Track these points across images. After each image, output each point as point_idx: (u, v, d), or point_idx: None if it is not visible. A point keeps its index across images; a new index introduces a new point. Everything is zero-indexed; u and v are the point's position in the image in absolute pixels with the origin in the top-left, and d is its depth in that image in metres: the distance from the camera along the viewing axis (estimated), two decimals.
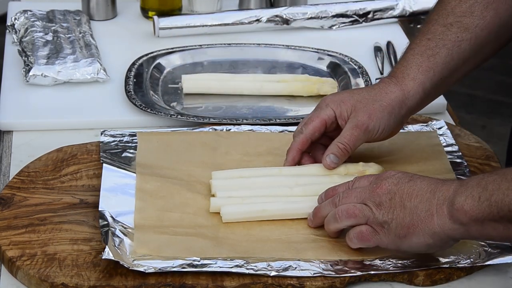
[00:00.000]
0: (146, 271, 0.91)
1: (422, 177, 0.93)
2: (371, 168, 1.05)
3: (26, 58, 1.31)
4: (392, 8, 1.49)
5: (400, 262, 0.94)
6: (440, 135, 1.16)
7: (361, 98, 1.04)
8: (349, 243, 0.95)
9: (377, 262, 0.94)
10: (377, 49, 1.40)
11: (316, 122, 1.05)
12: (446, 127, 1.17)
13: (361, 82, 1.29)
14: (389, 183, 0.92)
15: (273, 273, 0.92)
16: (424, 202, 0.89)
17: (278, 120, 1.20)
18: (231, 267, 0.92)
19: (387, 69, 1.35)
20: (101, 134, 1.13)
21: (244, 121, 1.19)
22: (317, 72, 1.34)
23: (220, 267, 0.92)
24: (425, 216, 0.89)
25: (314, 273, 0.92)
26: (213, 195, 1.02)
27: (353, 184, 0.96)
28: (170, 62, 1.35)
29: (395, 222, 0.90)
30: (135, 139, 1.13)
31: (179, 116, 1.19)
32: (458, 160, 1.10)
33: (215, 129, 1.16)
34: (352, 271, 0.93)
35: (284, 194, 1.01)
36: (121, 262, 0.91)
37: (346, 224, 0.94)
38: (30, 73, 1.27)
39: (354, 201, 0.93)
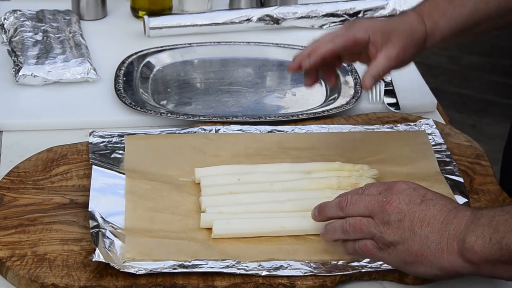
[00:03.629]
0: (137, 273, 0.90)
1: (433, 197, 0.89)
2: (364, 182, 1.03)
3: (15, 58, 1.31)
4: (382, 8, 1.50)
5: None
6: (429, 134, 1.16)
7: (395, 29, 1.05)
8: (347, 251, 0.93)
9: (368, 260, 0.94)
10: None
11: (349, 39, 1.04)
12: (435, 126, 1.17)
13: (350, 80, 1.29)
14: (399, 200, 0.89)
15: (264, 273, 0.92)
16: (435, 233, 0.87)
17: (268, 118, 1.20)
18: (222, 268, 0.92)
19: None
20: (90, 135, 1.13)
21: (234, 119, 1.19)
22: None
23: (211, 267, 0.92)
24: (435, 249, 0.87)
25: (305, 273, 0.92)
26: (203, 211, 1.00)
27: (363, 191, 0.94)
28: (159, 61, 1.35)
29: (402, 246, 0.88)
30: (124, 139, 1.12)
31: (169, 115, 1.19)
32: (447, 160, 1.11)
33: (204, 129, 1.15)
34: (343, 270, 0.93)
35: (276, 210, 1.00)
36: (112, 264, 0.90)
37: (352, 237, 0.92)
38: (20, 73, 1.27)
39: (362, 211, 0.91)
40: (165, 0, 1.50)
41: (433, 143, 1.14)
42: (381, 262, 0.93)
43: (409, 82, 1.33)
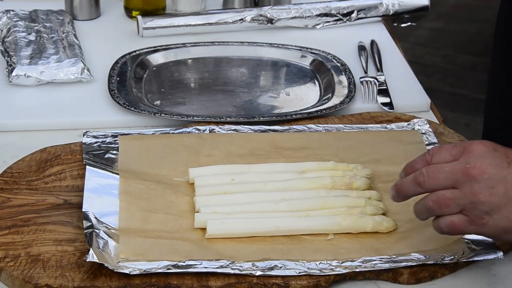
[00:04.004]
0: (131, 273, 0.90)
1: None
2: (358, 181, 1.03)
3: (8, 58, 1.31)
4: (376, 7, 1.50)
5: (384, 258, 0.94)
6: (423, 133, 1.16)
7: None
8: (436, 230, 0.88)
9: (362, 260, 0.94)
10: (361, 48, 1.41)
11: None
12: (428, 125, 1.17)
13: (344, 79, 1.30)
14: (485, 164, 0.83)
15: (258, 273, 0.92)
16: None
17: (262, 118, 1.20)
18: (216, 268, 0.92)
19: (371, 68, 1.35)
20: (83, 135, 1.13)
21: (228, 119, 1.19)
22: (300, 70, 1.35)
23: (205, 267, 0.92)
24: None
25: (299, 272, 0.92)
26: (197, 211, 1.00)
27: (432, 157, 0.87)
28: (153, 61, 1.35)
29: (499, 214, 0.83)
30: (118, 139, 1.12)
31: (163, 115, 1.19)
32: None
33: (198, 129, 1.15)
34: (337, 269, 0.93)
35: (270, 210, 0.99)
36: (106, 264, 0.90)
37: (438, 213, 0.86)
38: (13, 73, 1.27)
39: (443, 183, 0.84)
40: (159, 0, 1.50)
41: (426, 142, 1.14)
42: (374, 262, 0.93)
43: (403, 81, 1.33)
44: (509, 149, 0.86)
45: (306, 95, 1.29)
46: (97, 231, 0.95)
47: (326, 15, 1.48)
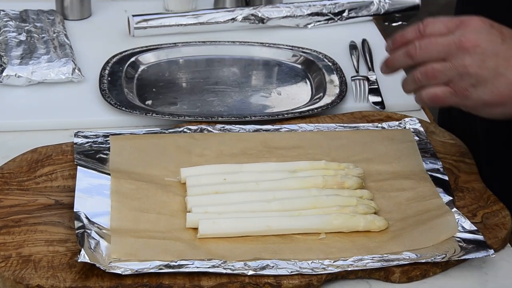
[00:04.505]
0: (123, 273, 0.90)
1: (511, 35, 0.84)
2: (350, 180, 1.04)
3: None
4: (367, 6, 1.50)
5: (376, 257, 0.94)
6: (414, 132, 1.16)
7: None
8: (418, 102, 0.89)
9: (354, 259, 0.94)
10: (353, 47, 1.41)
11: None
12: (420, 124, 1.18)
13: (335, 78, 1.30)
14: (480, 39, 0.83)
15: (250, 272, 0.92)
16: None
17: (253, 118, 1.20)
18: (208, 267, 0.92)
19: (362, 67, 1.36)
20: (75, 135, 1.13)
21: (220, 118, 1.19)
22: (292, 69, 1.35)
23: (197, 267, 0.92)
24: None
25: (291, 272, 0.92)
26: (189, 211, 1.00)
27: (425, 27, 0.87)
28: (144, 60, 1.35)
29: (484, 88, 0.84)
30: (109, 139, 1.12)
31: (154, 115, 1.19)
32: (432, 158, 1.11)
33: (190, 129, 1.15)
34: (329, 268, 0.93)
35: (262, 209, 1.00)
36: (97, 265, 0.90)
37: (425, 85, 0.87)
38: (4, 74, 1.26)
39: (434, 55, 0.84)
40: None
41: (418, 141, 1.14)
42: (366, 261, 0.93)
43: (394, 80, 1.33)
44: (504, 26, 0.86)
45: (297, 95, 1.29)
46: (88, 231, 0.95)
47: (317, 14, 1.48)
